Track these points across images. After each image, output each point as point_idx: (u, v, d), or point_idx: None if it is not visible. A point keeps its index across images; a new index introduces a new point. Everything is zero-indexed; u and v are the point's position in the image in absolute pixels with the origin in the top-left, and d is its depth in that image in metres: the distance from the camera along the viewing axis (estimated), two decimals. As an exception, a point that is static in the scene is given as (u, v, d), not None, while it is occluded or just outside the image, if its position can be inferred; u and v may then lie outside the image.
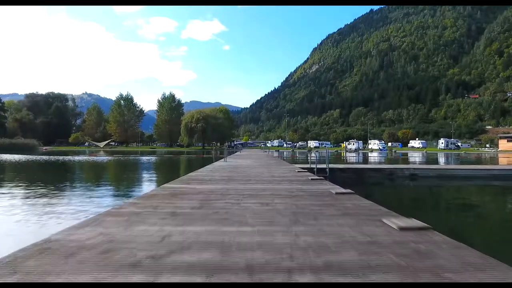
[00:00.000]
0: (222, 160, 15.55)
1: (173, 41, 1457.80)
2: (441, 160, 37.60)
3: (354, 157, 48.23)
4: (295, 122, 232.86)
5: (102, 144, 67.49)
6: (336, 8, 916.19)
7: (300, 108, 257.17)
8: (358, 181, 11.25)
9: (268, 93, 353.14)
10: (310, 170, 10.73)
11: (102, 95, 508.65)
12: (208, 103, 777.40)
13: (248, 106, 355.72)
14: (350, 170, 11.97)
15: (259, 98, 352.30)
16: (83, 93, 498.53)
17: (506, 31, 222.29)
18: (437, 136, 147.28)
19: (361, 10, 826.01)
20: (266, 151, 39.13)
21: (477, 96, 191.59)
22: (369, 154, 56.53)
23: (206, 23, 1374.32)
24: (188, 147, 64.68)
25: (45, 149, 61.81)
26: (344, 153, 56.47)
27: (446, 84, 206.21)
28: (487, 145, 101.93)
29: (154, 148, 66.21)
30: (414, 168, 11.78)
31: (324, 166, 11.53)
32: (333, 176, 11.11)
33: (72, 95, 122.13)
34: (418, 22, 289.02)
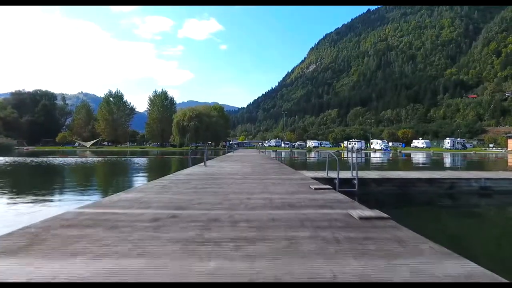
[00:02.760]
0: (202, 164, 11.36)
1: (170, 40, 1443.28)
2: (448, 160, 33.65)
3: (358, 158, 44.30)
4: (293, 121, 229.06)
5: (88, 144, 62.89)
6: (333, 8, 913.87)
7: (297, 107, 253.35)
8: (404, 198, 7.24)
9: (265, 92, 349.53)
10: (328, 181, 6.67)
11: (98, 95, 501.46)
12: (205, 103, 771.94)
13: (245, 106, 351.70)
14: (390, 181, 7.83)
15: (256, 98, 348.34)
16: (79, 93, 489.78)
17: (503, 30, 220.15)
18: (436, 136, 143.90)
19: (359, 10, 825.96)
20: (262, 151, 35.11)
21: (475, 96, 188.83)
22: (372, 155, 52.58)
23: (203, 22, 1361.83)
24: (181, 147, 60.43)
25: (27, 149, 57.23)
26: (346, 154, 52.59)
27: (444, 83, 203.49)
28: (490, 145, 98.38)
29: (144, 148, 61.86)
30: (486, 179, 7.68)
31: (348, 175, 7.44)
32: (364, 190, 7.06)
33: (62, 93, 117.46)
34: (416, 22, 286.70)
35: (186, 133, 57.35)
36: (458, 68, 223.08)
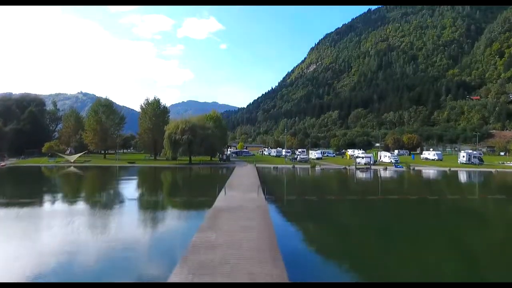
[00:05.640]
0: None
1: (170, 39, 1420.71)
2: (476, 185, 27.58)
3: (366, 178, 37.91)
4: (293, 123, 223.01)
5: (73, 158, 56.83)
6: (333, 8, 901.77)
7: (297, 108, 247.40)
8: None
9: (265, 93, 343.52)
10: None
11: (98, 95, 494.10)
12: (205, 102, 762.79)
13: (245, 106, 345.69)
14: None
15: (256, 98, 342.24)
16: (78, 93, 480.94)
17: (506, 31, 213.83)
18: (441, 140, 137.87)
19: (359, 10, 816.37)
20: (259, 168, 29.13)
21: (478, 97, 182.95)
22: (383, 174, 46.77)
23: (202, 21, 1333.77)
24: (174, 160, 54.69)
25: (3, 165, 51.32)
26: (354, 171, 46.60)
27: (446, 84, 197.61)
28: (501, 153, 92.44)
29: (133, 162, 55.98)
30: None
31: None
32: None
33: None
34: (417, 22, 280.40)
35: (179, 147, 51.56)
36: (460, 69, 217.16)
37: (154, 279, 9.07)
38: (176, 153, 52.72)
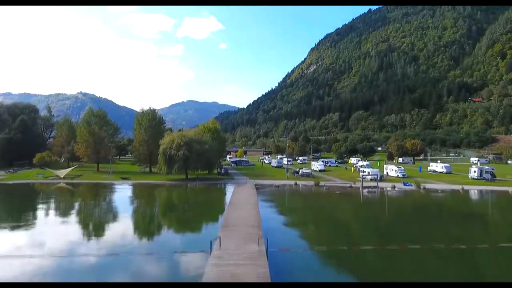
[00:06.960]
0: None
1: (169, 39, 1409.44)
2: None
3: (378, 203, 34.19)
4: (293, 125, 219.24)
5: (62, 173, 53.42)
6: (334, 8, 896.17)
7: (297, 110, 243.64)
8: None
9: (265, 93, 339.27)
10: None
11: (98, 95, 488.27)
12: (205, 102, 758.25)
13: (245, 106, 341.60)
14: None
15: (256, 99, 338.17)
16: (78, 93, 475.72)
17: (508, 32, 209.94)
18: (444, 145, 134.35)
19: (359, 10, 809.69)
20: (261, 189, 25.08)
21: (480, 99, 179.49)
22: (389, 193, 43.32)
23: (203, 21, 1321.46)
24: (168, 175, 51.16)
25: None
26: (361, 192, 43.19)
27: (447, 86, 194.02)
28: (509, 161, 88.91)
29: (128, 178, 52.53)
30: None
31: None
32: None
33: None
34: (418, 22, 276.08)
35: (174, 164, 48.12)
36: (462, 70, 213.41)
37: None
38: (171, 169, 49.11)
